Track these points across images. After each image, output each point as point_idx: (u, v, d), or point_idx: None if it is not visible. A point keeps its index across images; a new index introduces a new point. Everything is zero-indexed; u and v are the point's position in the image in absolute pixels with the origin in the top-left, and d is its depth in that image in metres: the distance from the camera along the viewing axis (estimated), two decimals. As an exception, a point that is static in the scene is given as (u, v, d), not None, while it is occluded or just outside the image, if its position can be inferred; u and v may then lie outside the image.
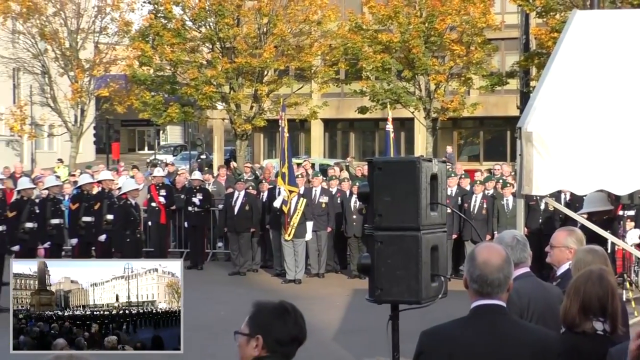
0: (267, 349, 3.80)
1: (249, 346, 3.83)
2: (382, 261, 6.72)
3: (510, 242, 5.95)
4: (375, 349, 12.08)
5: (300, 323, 3.87)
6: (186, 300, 16.24)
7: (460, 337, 4.36)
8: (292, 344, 3.84)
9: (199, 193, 21.67)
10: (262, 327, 3.82)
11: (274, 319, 3.83)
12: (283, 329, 3.82)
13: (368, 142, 55.38)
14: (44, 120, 49.01)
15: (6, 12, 43.45)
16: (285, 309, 3.88)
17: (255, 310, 3.88)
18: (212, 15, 38.79)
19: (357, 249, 19.65)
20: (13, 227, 16.61)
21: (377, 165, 6.90)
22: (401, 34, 37.80)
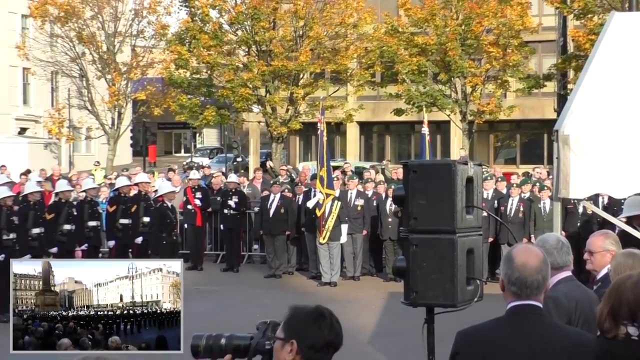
0: (301, 355, 3.77)
1: (283, 351, 3.81)
2: (417, 264, 6.70)
3: (555, 245, 5.88)
4: (410, 352, 12.07)
5: (336, 328, 3.83)
6: (222, 303, 16.37)
7: (497, 337, 4.34)
8: (327, 349, 3.81)
9: (234, 196, 21.72)
10: (297, 332, 3.79)
11: (309, 324, 3.80)
12: (318, 334, 3.78)
13: (404, 144, 55.25)
14: (82, 123, 49.43)
15: (44, 15, 43.86)
16: (321, 314, 3.84)
17: (291, 314, 3.85)
18: (248, 19, 38.90)
19: (393, 252, 19.59)
20: (51, 230, 16.74)
21: (412, 168, 6.87)
22: (437, 37, 37.68)
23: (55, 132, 47.13)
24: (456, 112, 39.15)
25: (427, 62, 38.10)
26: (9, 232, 15.71)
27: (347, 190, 20.60)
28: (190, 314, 15.65)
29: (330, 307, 4.01)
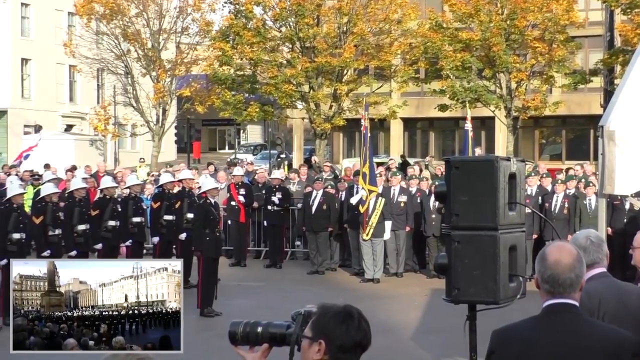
0: (329, 355, 3.74)
1: (311, 350, 3.77)
2: (459, 261, 6.66)
3: (583, 244, 5.80)
4: (453, 349, 12.02)
5: (364, 328, 3.78)
6: (265, 299, 16.41)
7: (531, 336, 4.30)
8: (355, 350, 3.76)
9: (278, 192, 21.75)
10: (325, 332, 3.75)
11: (337, 325, 3.75)
12: (346, 334, 3.74)
13: (448, 141, 55.01)
14: (127, 120, 49.81)
15: (90, 13, 44.25)
16: (349, 313, 3.79)
17: (319, 313, 3.81)
18: (292, 15, 38.96)
19: (436, 249, 19.51)
20: (96, 226, 16.88)
21: (454, 164, 6.84)
22: (482, 32, 37.42)
23: (101, 129, 47.51)
24: (501, 107, 38.89)
25: (471, 57, 37.87)
26: (55, 228, 15.87)
27: (390, 187, 20.55)
28: (233, 310, 15.78)
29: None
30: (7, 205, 15.53)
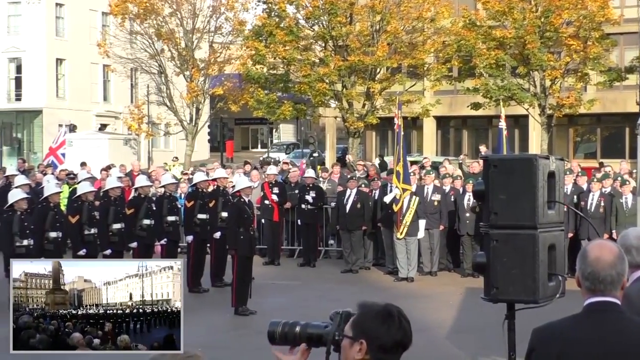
0: (370, 355, 3.73)
1: (352, 350, 3.76)
2: (497, 260, 6.63)
3: (634, 242, 5.72)
4: (490, 348, 11.97)
5: (404, 327, 3.76)
6: (299, 297, 16.44)
7: (572, 334, 4.27)
8: (396, 349, 3.75)
9: (311, 191, 21.76)
10: (366, 332, 3.73)
11: (379, 324, 3.73)
12: (387, 334, 3.72)
13: (481, 139, 54.68)
14: (161, 119, 50.03)
15: (124, 13, 44.48)
16: (389, 313, 3.77)
17: (360, 313, 3.80)
18: (325, 14, 38.95)
19: (470, 247, 19.44)
20: (131, 224, 16.95)
21: (492, 162, 6.80)
22: (516, 30, 37.22)
23: (135, 128, 47.76)
24: (535, 106, 38.67)
25: (505, 55, 37.68)
26: (91, 227, 15.97)
27: (424, 185, 20.49)
28: (267, 308, 15.82)
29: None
30: (44, 204, 15.66)
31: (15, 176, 20.25)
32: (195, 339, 13.06)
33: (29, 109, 57.21)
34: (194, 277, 17.93)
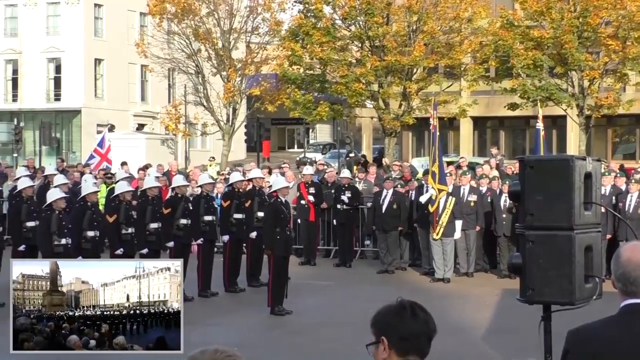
0: (395, 351, 3.78)
1: (378, 352, 3.83)
2: (533, 261, 6.60)
3: None
4: (526, 350, 11.89)
5: (421, 317, 3.83)
6: (334, 298, 16.40)
7: (607, 336, 4.24)
8: (417, 339, 3.81)
9: (347, 191, 21.76)
10: (383, 329, 3.82)
11: (392, 317, 3.83)
12: (402, 325, 3.80)
13: (518, 140, 54.51)
14: (198, 119, 50.25)
15: (162, 13, 44.72)
16: (401, 305, 3.86)
17: (374, 315, 3.89)
18: (361, 14, 38.94)
19: (507, 249, 19.35)
20: (168, 224, 17.03)
21: (528, 163, 6.78)
22: (553, 30, 37.00)
23: (172, 128, 48.00)
24: (573, 106, 38.40)
25: (542, 55, 37.46)
26: (128, 226, 16.07)
27: (460, 186, 20.42)
28: (303, 309, 15.81)
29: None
30: (81, 203, 15.79)
31: (54, 176, 20.41)
32: (231, 338, 13.13)
33: (67, 108, 57.72)
34: (230, 277, 18.00)
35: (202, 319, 15.14)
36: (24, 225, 16.89)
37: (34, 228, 16.46)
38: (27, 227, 16.83)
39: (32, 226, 16.64)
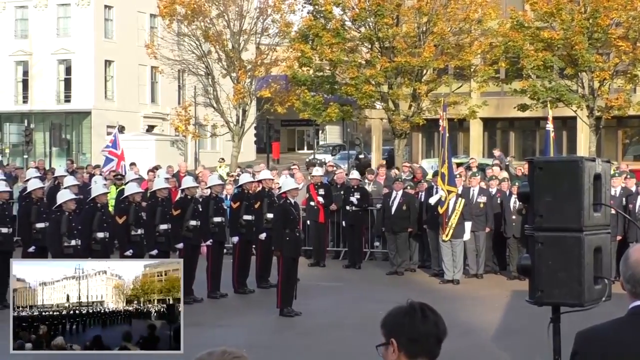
0: (404, 351, 3.77)
1: (388, 353, 3.82)
2: (542, 262, 6.59)
3: None
4: (535, 351, 11.87)
5: (431, 318, 3.82)
6: (344, 299, 16.39)
7: (616, 337, 4.23)
8: (426, 341, 3.79)
9: (356, 192, 21.75)
10: (393, 330, 3.81)
11: (401, 318, 3.82)
12: (411, 326, 3.78)
13: (528, 141, 54.40)
14: (207, 121, 50.31)
15: (172, 14, 44.79)
16: (411, 307, 3.85)
17: (384, 317, 3.88)
18: (371, 15, 38.93)
19: (517, 250, 19.31)
20: (177, 225, 17.04)
21: (537, 165, 6.77)
22: (564, 31, 36.94)
23: (182, 130, 48.07)
24: (583, 107, 38.32)
25: (553, 57, 37.40)
26: (137, 227, 16.09)
27: (470, 187, 20.39)
28: (312, 310, 15.80)
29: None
30: (91, 204, 15.82)
31: (64, 177, 20.45)
32: (241, 339, 13.14)
33: (77, 110, 57.84)
34: (239, 278, 18.01)
35: (211, 320, 15.16)
36: (33, 226, 16.91)
37: (44, 229, 16.48)
38: (36, 228, 16.85)
39: (42, 227, 16.66)
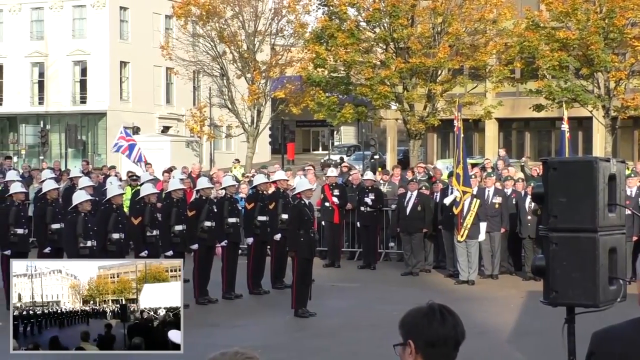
0: (421, 353, 3.75)
1: (405, 354, 3.80)
2: (557, 263, 6.57)
3: None
4: (550, 352, 11.83)
5: (449, 321, 3.78)
6: (359, 300, 16.37)
7: (632, 337, 4.21)
8: (444, 344, 3.76)
9: (371, 193, 21.74)
10: (410, 331, 3.78)
11: (420, 320, 3.78)
12: (430, 328, 3.75)
13: (544, 141, 54.26)
14: (222, 122, 50.36)
15: (187, 16, 44.88)
16: (430, 308, 3.82)
17: (402, 317, 3.85)
18: (386, 16, 38.91)
19: (532, 251, 19.25)
20: (192, 226, 17.06)
21: (552, 165, 6.75)
22: (579, 31, 36.83)
23: (197, 131, 48.18)
24: (599, 107, 38.20)
25: (568, 57, 37.30)
26: (152, 228, 16.10)
27: (485, 188, 20.35)
28: (327, 311, 15.77)
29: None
30: (107, 205, 15.86)
31: (79, 178, 20.51)
32: (255, 340, 13.14)
33: (93, 111, 58.04)
34: (254, 279, 18.02)
35: (226, 321, 15.18)
36: (49, 227, 16.96)
37: (59, 230, 16.53)
38: (52, 229, 16.90)
39: (57, 228, 16.71)
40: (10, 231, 16.37)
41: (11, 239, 16.37)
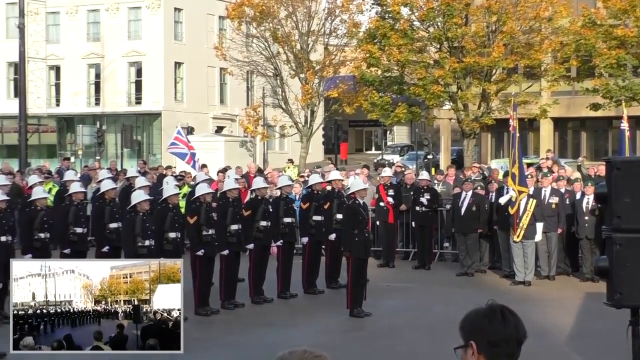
0: (485, 355, 3.72)
1: (467, 356, 3.77)
2: (621, 264, 6.47)
3: None
4: (610, 354, 11.70)
5: (510, 321, 3.76)
6: (413, 300, 16.28)
7: None
8: (507, 344, 3.74)
9: (426, 193, 21.64)
10: (472, 332, 3.77)
11: (481, 320, 3.77)
12: (491, 328, 3.73)
13: (601, 141, 53.62)
14: (276, 122, 50.48)
15: (241, 16, 45.08)
16: (491, 308, 3.81)
17: (463, 319, 3.83)
18: (440, 15, 38.74)
19: (590, 251, 19.03)
20: (248, 226, 17.11)
21: (615, 165, 6.65)
22: (638, 28, 36.34)
23: (251, 131, 48.34)
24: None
25: (626, 54, 36.83)
26: (208, 228, 16.17)
27: (541, 188, 20.15)
28: (382, 311, 15.72)
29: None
30: (163, 205, 15.97)
31: (135, 178, 20.68)
32: (310, 340, 13.13)
33: (148, 111, 58.53)
34: (309, 279, 18.03)
35: (281, 320, 15.21)
36: (106, 226, 17.13)
37: (117, 229, 16.69)
38: (110, 228, 17.06)
39: (115, 228, 16.86)
40: (70, 230, 16.58)
41: (70, 238, 16.57)
